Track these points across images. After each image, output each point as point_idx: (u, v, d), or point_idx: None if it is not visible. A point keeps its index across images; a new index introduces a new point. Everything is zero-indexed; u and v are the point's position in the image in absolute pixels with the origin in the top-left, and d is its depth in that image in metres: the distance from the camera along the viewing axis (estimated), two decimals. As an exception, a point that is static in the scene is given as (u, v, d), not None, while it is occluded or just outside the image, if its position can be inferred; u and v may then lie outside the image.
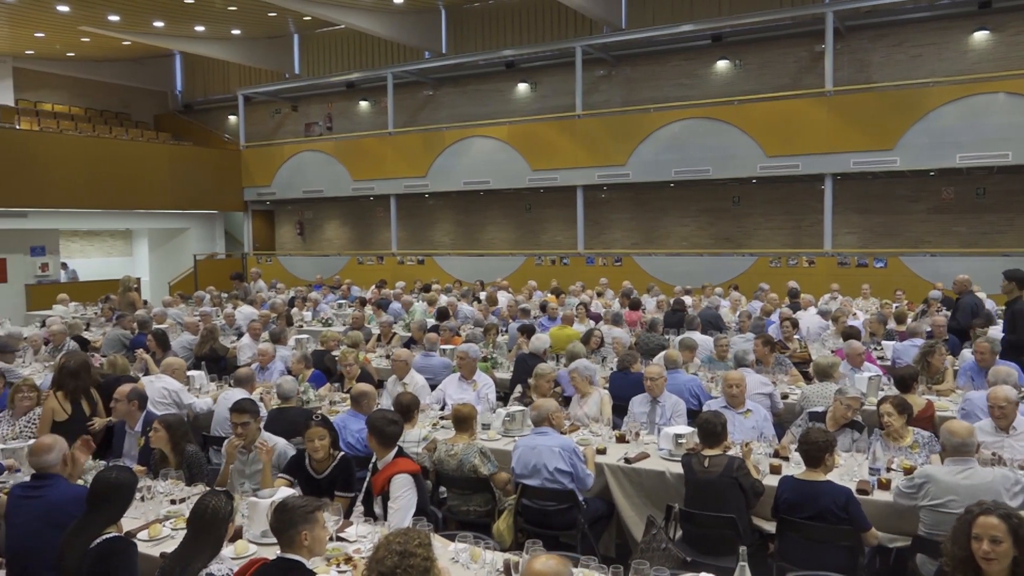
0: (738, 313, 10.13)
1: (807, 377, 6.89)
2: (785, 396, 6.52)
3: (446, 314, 10.36)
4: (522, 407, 5.89)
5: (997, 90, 13.13)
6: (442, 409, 6.42)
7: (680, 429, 5.09)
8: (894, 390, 5.64)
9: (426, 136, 18.66)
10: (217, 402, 6.32)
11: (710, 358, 7.68)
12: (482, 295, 12.89)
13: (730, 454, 4.48)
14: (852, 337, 7.36)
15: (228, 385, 6.80)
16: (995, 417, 4.82)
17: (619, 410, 6.16)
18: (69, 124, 19.84)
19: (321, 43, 21.62)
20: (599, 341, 8.21)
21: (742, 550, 3.22)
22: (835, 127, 14.15)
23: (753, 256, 15.54)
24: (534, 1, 18.37)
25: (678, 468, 4.67)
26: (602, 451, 5.13)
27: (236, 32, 19.79)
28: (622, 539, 5.03)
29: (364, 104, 21.19)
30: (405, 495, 4.04)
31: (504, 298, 12.49)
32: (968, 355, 6.89)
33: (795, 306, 10.48)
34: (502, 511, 4.74)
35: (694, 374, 6.99)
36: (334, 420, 5.20)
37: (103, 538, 3.33)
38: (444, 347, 8.15)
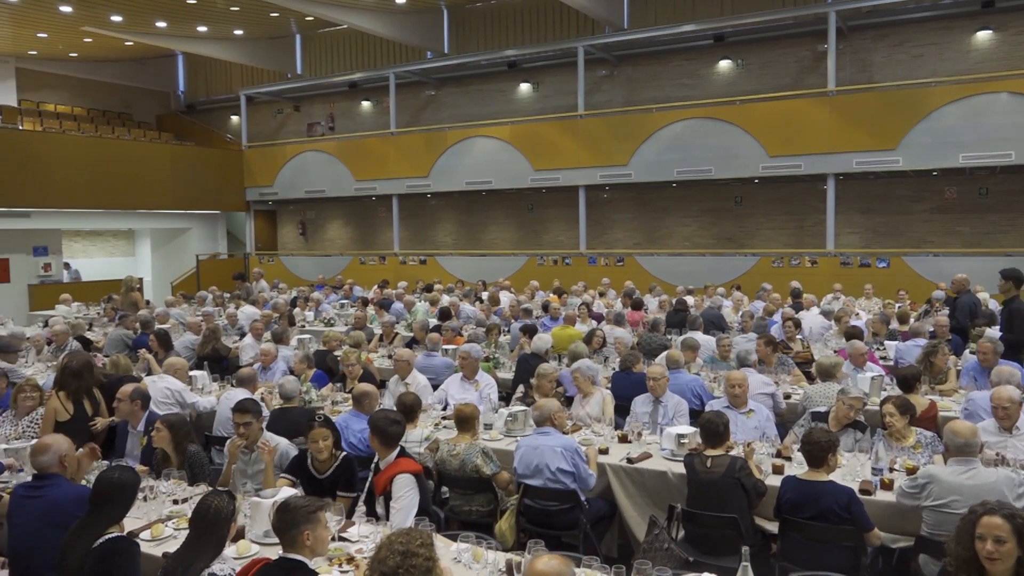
0: (740, 313, 10.11)
1: (810, 377, 6.89)
2: (788, 396, 6.51)
3: (448, 314, 10.37)
4: (524, 407, 5.89)
5: (1000, 90, 13.10)
6: (444, 409, 6.43)
7: (682, 429, 5.09)
8: (897, 390, 5.64)
9: (428, 136, 18.66)
10: (219, 402, 6.33)
11: (712, 358, 7.67)
12: (484, 295, 12.88)
13: (732, 454, 4.48)
14: (855, 337, 7.33)
15: (230, 385, 6.80)
16: (999, 417, 4.81)
17: (621, 410, 6.16)
18: (72, 124, 19.87)
19: (323, 43, 21.62)
20: (601, 341, 8.21)
21: (744, 550, 3.22)
22: (837, 127, 14.13)
23: (755, 256, 15.52)
24: (536, 1, 18.36)
25: (680, 468, 4.67)
26: (604, 451, 5.14)
27: (238, 32, 19.81)
28: (624, 539, 5.03)
29: (366, 104, 21.20)
30: (407, 495, 4.04)
31: (506, 298, 12.48)
32: (970, 355, 6.87)
33: (797, 306, 10.48)
34: (504, 511, 4.74)
35: (696, 374, 6.98)
36: (336, 420, 5.19)
37: (106, 538, 3.33)
38: (446, 347, 8.17)
